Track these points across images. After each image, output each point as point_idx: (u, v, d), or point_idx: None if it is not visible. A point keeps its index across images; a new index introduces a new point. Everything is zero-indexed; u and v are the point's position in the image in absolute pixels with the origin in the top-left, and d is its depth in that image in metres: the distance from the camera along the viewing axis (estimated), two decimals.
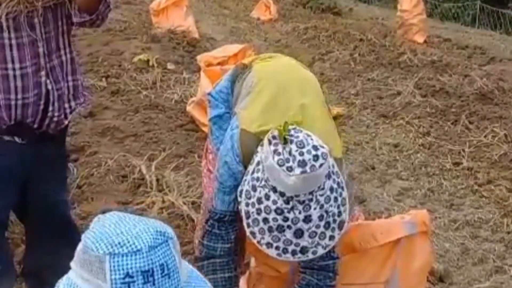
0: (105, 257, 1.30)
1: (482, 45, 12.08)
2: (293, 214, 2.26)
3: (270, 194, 2.27)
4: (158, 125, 6.05)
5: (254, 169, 2.37)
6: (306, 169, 2.22)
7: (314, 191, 2.26)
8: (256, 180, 2.33)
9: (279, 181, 2.25)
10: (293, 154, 2.25)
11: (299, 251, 2.32)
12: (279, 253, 2.33)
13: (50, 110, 2.52)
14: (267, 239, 2.31)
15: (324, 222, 2.30)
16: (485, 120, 6.94)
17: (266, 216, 2.29)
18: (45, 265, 2.76)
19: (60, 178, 2.78)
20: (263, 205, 2.29)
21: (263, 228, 2.30)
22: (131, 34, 9.55)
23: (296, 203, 2.25)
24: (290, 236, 2.28)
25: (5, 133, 2.49)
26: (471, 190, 5.41)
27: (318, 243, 2.32)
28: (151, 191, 4.60)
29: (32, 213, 2.71)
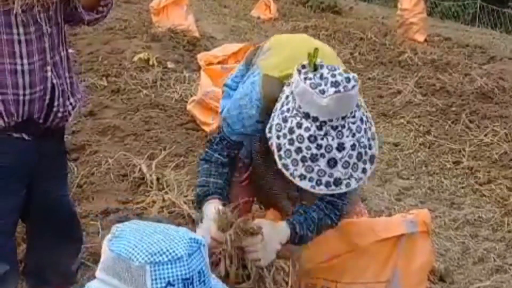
0: (146, 266, 1.29)
1: (482, 44, 12.08)
2: (326, 141, 2.23)
3: (303, 122, 2.25)
4: (159, 124, 6.05)
5: (282, 103, 2.35)
6: (340, 88, 2.21)
7: (346, 117, 2.25)
8: (287, 111, 2.31)
9: (312, 104, 2.23)
10: (325, 77, 2.24)
11: (333, 183, 2.29)
12: (313, 185, 2.29)
13: (56, 105, 2.54)
14: (300, 170, 2.27)
15: (356, 152, 2.28)
16: (485, 119, 6.94)
17: (299, 146, 2.26)
18: (46, 263, 2.76)
19: (61, 175, 2.79)
20: (295, 135, 2.26)
21: (296, 159, 2.27)
22: (131, 33, 9.55)
23: (329, 128, 2.23)
24: (324, 165, 2.25)
25: (14, 130, 2.50)
26: (471, 189, 5.41)
27: (351, 175, 2.30)
28: (152, 190, 4.60)
29: (34, 210, 2.71)
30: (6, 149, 2.50)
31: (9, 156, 2.50)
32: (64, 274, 2.83)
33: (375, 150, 2.36)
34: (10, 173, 2.51)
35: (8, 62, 2.40)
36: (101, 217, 4.24)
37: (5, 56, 2.39)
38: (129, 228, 1.40)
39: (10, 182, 2.53)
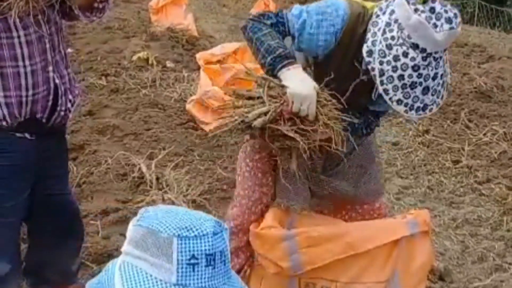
0: (173, 238, 1.37)
1: (481, 43, 12.06)
2: (427, 70, 2.42)
3: (409, 51, 2.39)
4: (158, 123, 6.05)
5: (384, 30, 2.45)
6: (453, 25, 2.39)
7: (445, 50, 2.47)
8: (391, 39, 2.43)
9: (425, 37, 2.37)
10: (438, 12, 2.38)
11: (421, 108, 2.50)
12: (406, 109, 2.49)
13: (59, 104, 2.54)
14: (399, 95, 2.45)
15: (442, 81, 2.50)
16: (484, 118, 6.94)
17: (402, 73, 2.41)
18: (46, 262, 2.76)
19: (63, 173, 2.79)
20: (399, 63, 2.41)
21: (397, 85, 2.43)
22: (130, 32, 9.54)
23: (432, 60, 2.41)
24: (419, 93, 2.45)
25: (17, 130, 2.50)
26: (470, 188, 5.41)
27: (434, 101, 2.52)
28: (151, 190, 4.60)
29: (36, 209, 2.72)
30: (9, 148, 2.50)
31: (13, 155, 2.51)
32: (64, 274, 2.83)
33: (449, 77, 2.62)
34: (14, 172, 2.52)
35: (10, 65, 2.40)
36: (100, 217, 4.25)
37: (6, 60, 2.39)
38: (158, 209, 1.49)
39: (14, 181, 2.53)
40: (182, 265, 1.36)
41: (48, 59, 2.50)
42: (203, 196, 4.58)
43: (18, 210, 2.62)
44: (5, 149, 2.50)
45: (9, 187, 2.52)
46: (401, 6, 2.42)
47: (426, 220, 2.80)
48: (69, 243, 2.81)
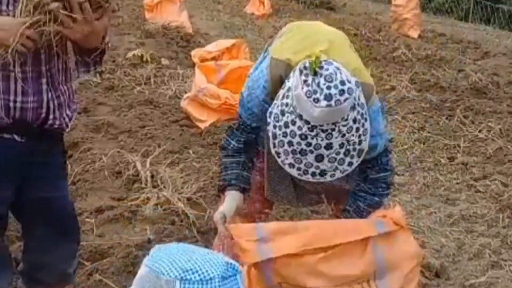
0: (176, 282, 1.28)
1: (476, 40, 12.09)
2: (315, 140, 2.42)
3: (296, 121, 2.43)
4: (153, 120, 6.03)
5: (284, 95, 2.51)
6: (331, 103, 2.36)
7: (337, 122, 2.41)
8: (285, 106, 2.48)
9: (305, 110, 2.39)
10: (321, 87, 2.38)
11: (318, 173, 2.51)
12: (300, 173, 2.52)
13: (51, 118, 2.50)
14: (290, 160, 2.49)
15: (344, 149, 2.47)
16: (480, 114, 6.94)
17: (291, 140, 2.45)
18: (42, 264, 2.73)
19: (58, 175, 2.75)
20: (289, 129, 2.45)
21: (287, 150, 2.48)
22: (125, 29, 9.53)
23: (320, 131, 2.41)
24: (312, 159, 2.46)
25: (5, 131, 2.47)
26: (466, 185, 5.40)
27: (336, 167, 2.50)
28: (146, 187, 4.58)
29: (28, 211, 2.68)
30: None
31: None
32: (60, 275, 2.80)
33: (365, 144, 2.53)
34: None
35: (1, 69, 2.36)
36: (95, 215, 4.23)
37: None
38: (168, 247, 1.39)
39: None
40: None
41: (41, 71, 2.44)
42: (198, 193, 4.56)
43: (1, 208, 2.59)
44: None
45: None
46: (295, 76, 2.46)
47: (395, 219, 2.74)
48: (64, 246, 2.77)
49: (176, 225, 4.16)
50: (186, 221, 4.21)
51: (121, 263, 3.67)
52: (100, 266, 3.65)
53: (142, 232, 4.06)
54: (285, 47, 2.78)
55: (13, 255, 3.02)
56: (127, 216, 4.23)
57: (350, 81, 2.42)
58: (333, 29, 3.05)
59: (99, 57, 2.54)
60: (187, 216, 4.24)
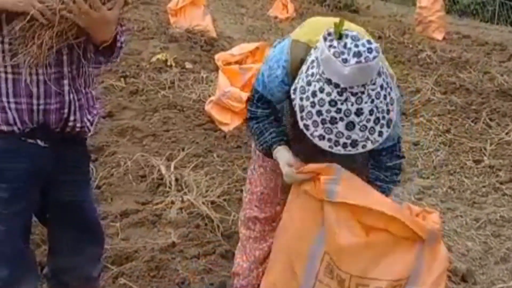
0: None
1: (501, 42, 11.97)
2: (346, 106, 2.38)
3: (325, 87, 2.39)
4: (177, 124, 6.05)
5: (308, 67, 2.48)
6: (361, 59, 2.35)
7: (366, 85, 2.38)
8: (311, 76, 2.44)
9: (335, 72, 2.36)
10: (349, 47, 2.37)
11: (350, 144, 2.44)
12: (331, 145, 2.45)
13: (72, 119, 2.51)
14: (320, 131, 2.43)
15: (374, 117, 2.42)
16: (506, 117, 6.88)
17: (320, 109, 2.40)
18: (67, 268, 2.74)
19: (82, 180, 2.76)
20: (317, 98, 2.41)
21: (316, 120, 2.42)
22: (149, 34, 9.56)
23: (349, 95, 2.37)
24: (342, 128, 2.41)
25: (28, 136, 2.48)
26: (493, 188, 5.35)
27: (367, 138, 2.44)
28: (170, 191, 4.59)
29: (53, 215, 2.70)
30: (18, 154, 2.48)
31: (20, 161, 2.49)
32: (85, 279, 2.81)
33: (393, 114, 2.50)
34: (19, 178, 2.49)
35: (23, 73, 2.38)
36: (120, 219, 4.25)
37: (20, 66, 2.37)
38: None
39: (18, 186, 2.51)
40: None
41: (63, 72, 2.46)
42: (222, 197, 4.56)
43: (21, 214, 2.60)
44: (14, 154, 2.48)
45: (12, 192, 2.50)
46: (320, 43, 2.45)
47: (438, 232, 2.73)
48: (89, 249, 2.78)
49: (201, 228, 4.16)
50: (210, 225, 4.21)
51: (145, 266, 3.68)
52: (125, 270, 3.66)
53: (167, 235, 4.07)
54: (305, 31, 2.76)
55: (38, 258, 3.04)
56: (152, 219, 4.24)
57: (375, 43, 2.43)
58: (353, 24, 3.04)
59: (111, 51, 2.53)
60: (211, 220, 4.25)
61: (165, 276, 3.64)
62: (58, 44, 2.33)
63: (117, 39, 2.48)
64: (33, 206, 2.61)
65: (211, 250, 3.92)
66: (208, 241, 4.01)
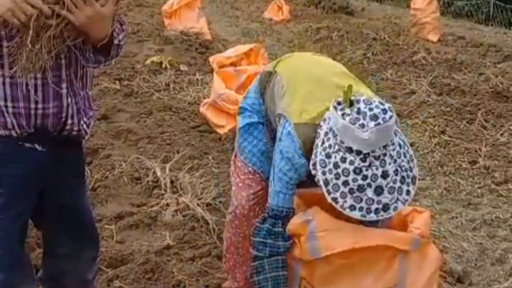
0: None
1: (496, 43, 11.99)
2: (371, 171, 2.37)
3: (346, 156, 2.38)
4: (172, 127, 6.04)
5: (323, 140, 2.47)
6: (379, 121, 2.35)
7: (387, 146, 2.39)
8: (329, 148, 2.43)
9: (355, 139, 2.36)
10: (363, 111, 2.37)
11: (382, 209, 2.42)
12: (363, 214, 2.42)
13: (69, 123, 2.50)
14: (350, 201, 2.40)
15: (399, 176, 2.43)
16: (501, 118, 6.88)
17: (345, 179, 2.39)
18: (62, 271, 2.74)
19: (78, 183, 2.76)
20: (340, 169, 2.39)
21: (344, 191, 2.40)
22: (144, 36, 9.57)
23: (373, 159, 2.37)
24: (371, 194, 2.39)
25: (26, 140, 2.47)
26: (488, 189, 5.35)
27: (397, 199, 2.44)
28: (166, 193, 4.58)
29: (49, 218, 2.69)
30: (16, 159, 2.47)
31: (19, 166, 2.48)
32: (80, 281, 2.81)
33: (415, 171, 2.52)
34: (19, 182, 2.49)
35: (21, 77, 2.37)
36: (115, 221, 4.24)
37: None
38: None
39: (17, 190, 2.50)
40: None
41: (62, 76, 2.45)
42: (218, 199, 4.56)
43: (24, 217, 2.60)
44: (11, 159, 2.47)
45: (9, 197, 2.49)
46: (332, 113, 2.43)
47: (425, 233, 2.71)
48: (84, 252, 2.77)
49: (196, 230, 4.15)
50: (206, 227, 4.21)
51: (141, 269, 3.67)
52: (120, 273, 3.65)
53: (162, 238, 4.06)
54: (299, 107, 2.68)
55: (33, 262, 3.03)
56: (147, 222, 4.23)
57: (386, 103, 2.44)
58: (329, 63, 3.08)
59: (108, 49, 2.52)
60: (206, 222, 4.24)
61: (160, 278, 3.63)
62: (56, 47, 2.32)
63: (114, 36, 2.47)
64: (29, 210, 2.61)
65: (206, 252, 3.91)
66: (203, 243, 4.01)
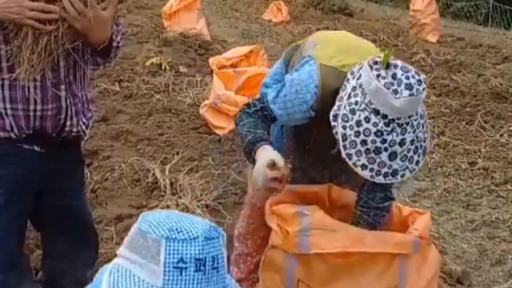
0: (161, 240, 1.33)
1: (495, 44, 12.01)
2: (391, 136, 2.38)
3: (371, 117, 2.37)
4: (171, 128, 6.04)
5: (349, 94, 2.45)
6: (413, 92, 2.34)
7: (412, 116, 2.39)
8: (355, 104, 2.41)
9: (384, 103, 2.35)
10: (399, 78, 2.35)
11: (391, 174, 2.45)
12: (373, 175, 2.44)
13: (68, 125, 2.51)
14: (363, 160, 2.42)
15: (414, 146, 2.44)
16: (500, 119, 6.89)
17: (364, 138, 2.39)
18: (62, 272, 2.74)
19: (77, 184, 2.76)
20: (362, 128, 2.39)
21: (360, 150, 2.40)
22: (143, 38, 9.56)
23: (396, 126, 2.37)
24: (385, 158, 2.41)
25: (25, 142, 2.48)
26: (487, 190, 5.35)
27: (407, 167, 2.46)
28: (165, 195, 4.58)
29: (48, 219, 2.69)
30: (14, 160, 2.48)
31: (18, 167, 2.48)
32: (79, 283, 2.81)
33: (427, 142, 2.53)
34: (18, 183, 2.49)
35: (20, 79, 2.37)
36: (114, 223, 4.23)
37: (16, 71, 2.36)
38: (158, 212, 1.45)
39: (16, 192, 2.50)
40: (169, 268, 1.32)
41: (60, 77, 2.45)
42: (217, 200, 4.56)
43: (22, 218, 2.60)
44: (10, 160, 2.47)
45: (8, 198, 2.49)
46: (366, 71, 2.41)
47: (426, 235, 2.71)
48: (83, 253, 2.78)
49: None
50: None
51: None
52: None
53: None
54: (329, 53, 2.67)
55: (33, 263, 3.03)
56: None
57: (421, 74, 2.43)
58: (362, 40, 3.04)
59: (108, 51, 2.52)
60: None
61: None
62: (56, 49, 2.33)
63: (113, 39, 2.47)
64: (28, 211, 2.61)
65: None
66: None
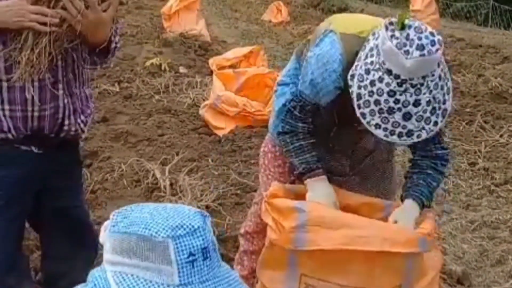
0: (168, 240, 1.35)
1: (495, 44, 11.99)
2: (404, 96, 2.37)
3: (384, 77, 2.37)
4: (171, 129, 6.04)
5: (366, 55, 2.45)
6: (424, 52, 2.32)
7: (427, 76, 2.37)
8: (370, 64, 2.42)
9: (396, 63, 2.34)
10: (411, 38, 2.35)
11: (405, 134, 2.44)
12: (386, 134, 2.44)
13: (66, 124, 2.50)
14: (376, 120, 2.42)
15: (431, 107, 2.42)
16: (500, 119, 6.88)
17: (378, 98, 2.39)
18: (61, 273, 2.74)
19: (74, 185, 2.75)
20: (375, 87, 2.39)
21: (373, 109, 2.41)
22: (143, 38, 9.57)
23: (409, 86, 2.36)
24: (399, 118, 2.40)
25: (23, 143, 2.47)
26: (488, 191, 5.34)
27: (423, 127, 2.44)
28: (165, 196, 4.58)
29: (47, 220, 2.69)
30: (13, 161, 2.47)
31: (17, 168, 2.48)
32: (79, 283, 2.80)
33: (448, 104, 2.49)
34: (16, 184, 2.49)
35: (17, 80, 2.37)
36: None
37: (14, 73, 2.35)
38: (134, 211, 1.45)
39: (15, 193, 2.50)
40: (182, 265, 1.36)
41: (58, 77, 2.45)
42: (217, 201, 4.55)
43: (21, 219, 2.59)
44: (7, 161, 2.47)
45: (7, 199, 2.49)
46: (382, 32, 2.42)
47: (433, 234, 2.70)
48: (82, 254, 2.77)
49: None
50: None
51: None
52: None
53: None
54: (345, 25, 2.68)
55: (33, 264, 3.03)
56: None
57: (438, 34, 2.41)
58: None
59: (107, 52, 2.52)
60: None
61: None
62: (55, 50, 2.33)
63: (111, 40, 2.47)
64: (26, 212, 2.61)
65: None
66: None
